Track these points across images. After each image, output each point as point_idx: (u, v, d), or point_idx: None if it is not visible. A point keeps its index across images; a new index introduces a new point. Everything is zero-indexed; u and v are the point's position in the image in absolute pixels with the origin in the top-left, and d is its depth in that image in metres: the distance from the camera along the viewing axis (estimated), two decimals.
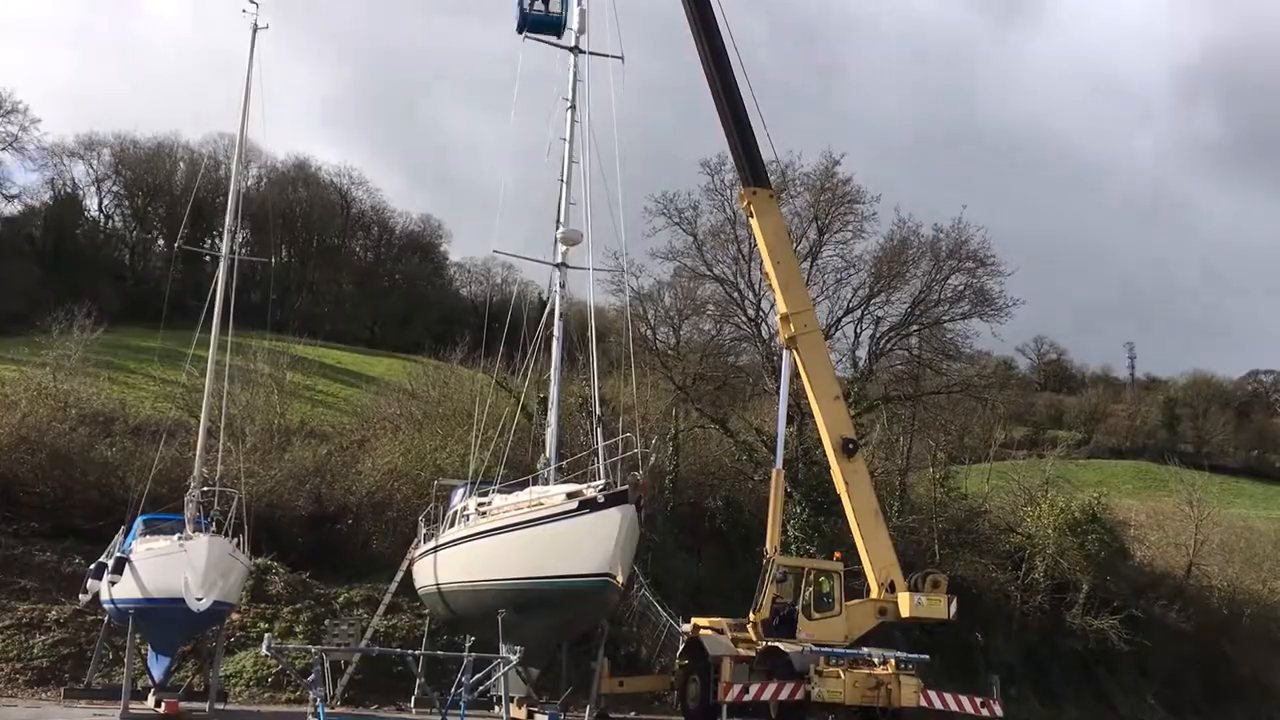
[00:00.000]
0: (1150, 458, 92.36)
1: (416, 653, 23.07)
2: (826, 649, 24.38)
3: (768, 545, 27.27)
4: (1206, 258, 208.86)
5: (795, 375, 29.53)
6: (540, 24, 29.17)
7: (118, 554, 24.88)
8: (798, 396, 32.65)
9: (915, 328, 43.16)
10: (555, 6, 29.21)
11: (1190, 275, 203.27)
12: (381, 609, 30.28)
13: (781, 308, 28.33)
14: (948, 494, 44.03)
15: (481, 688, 20.31)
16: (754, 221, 28.94)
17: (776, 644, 24.83)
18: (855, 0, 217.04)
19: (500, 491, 26.03)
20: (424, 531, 29.31)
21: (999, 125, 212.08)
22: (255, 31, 28.18)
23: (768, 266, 28.82)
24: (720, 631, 26.08)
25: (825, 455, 32.56)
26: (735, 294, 42.69)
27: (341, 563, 34.40)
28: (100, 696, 25.57)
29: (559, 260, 28.05)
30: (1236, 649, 46.57)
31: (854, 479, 27.06)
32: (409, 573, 29.86)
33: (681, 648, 27.04)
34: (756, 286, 42.27)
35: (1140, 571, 47.57)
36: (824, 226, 41.69)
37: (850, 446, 27.14)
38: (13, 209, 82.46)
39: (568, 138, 28.24)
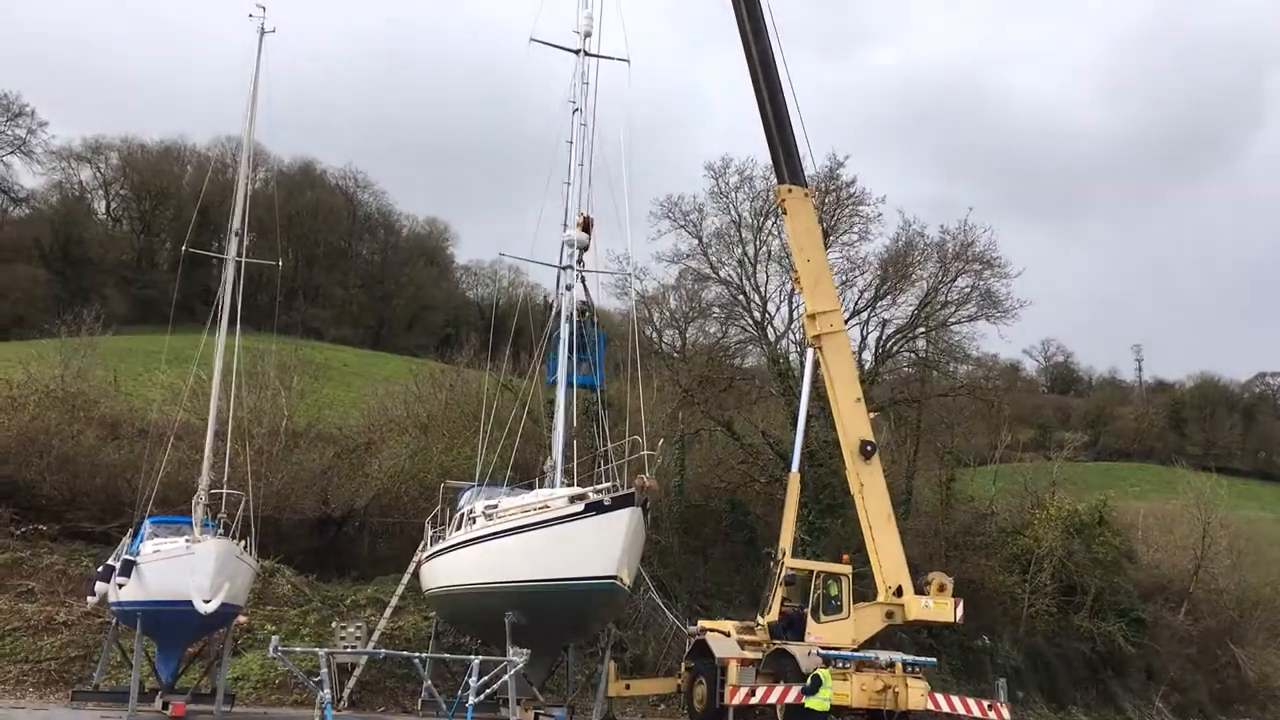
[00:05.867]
0: (1158, 460, 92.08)
1: (423, 655, 23.06)
2: (833, 652, 24.34)
3: (781, 547, 27.24)
4: None
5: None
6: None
7: (125, 556, 24.87)
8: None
9: (921, 330, 43.12)
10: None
11: None
12: (388, 611, 30.32)
13: (809, 306, 28.33)
14: (954, 496, 43.93)
15: (488, 690, 20.31)
16: (787, 218, 29.07)
17: (784, 646, 24.82)
18: None
19: (507, 494, 26.08)
20: (431, 534, 29.34)
21: None
22: (262, 35, 28.26)
23: (797, 264, 28.87)
24: (726, 634, 26.06)
25: (831, 457, 32.61)
26: (741, 296, 42.71)
27: (348, 565, 34.47)
28: (108, 698, 25.60)
29: (565, 263, 28.10)
30: (1244, 652, 46.42)
31: (869, 482, 27.02)
32: (416, 575, 29.89)
33: (688, 650, 27.02)
34: (762, 289, 42.34)
35: (1148, 574, 47.45)
36: (829, 229, 41.67)
37: (868, 449, 27.10)
38: (21, 212, 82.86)
39: (573, 140, 28.34)
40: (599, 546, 20.80)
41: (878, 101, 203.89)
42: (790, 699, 23.12)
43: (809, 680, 22.73)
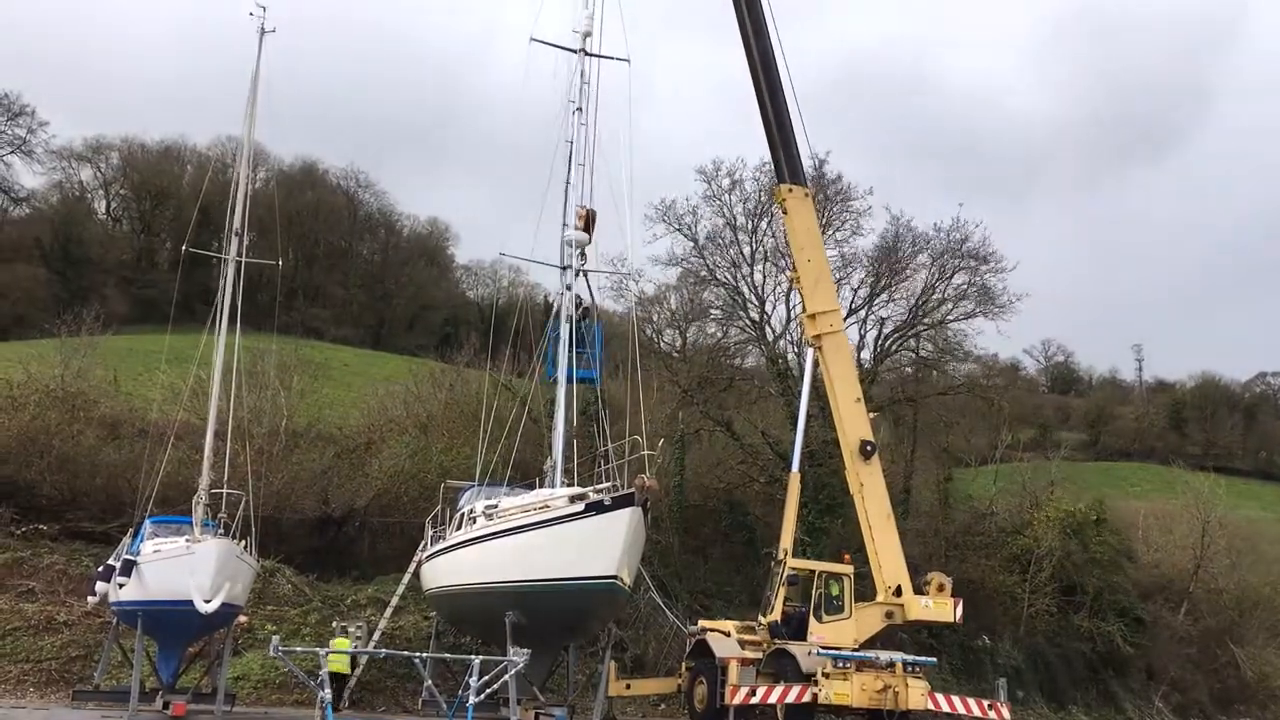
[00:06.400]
0: (1158, 460, 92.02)
1: (423, 655, 23.08)
2: (834, 651, 24.37)
3: (782, 547, 27.25)
4: None
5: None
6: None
7: (126, 556, 24.90)
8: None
9: (919, 329, 43.12)
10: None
11: None
12: (389, 611, 30.36)
13: (809, 306, 28.30)
14: (952, 496, 43.95)
15: (488, 690, 20.34)
16: (787, 218, 29.08)
17: (784, 646, 24.84)
18: None
19: (507, 494, 26.12)
20: (431, 534, 29.38)
21: None
22: (263, 35, 28.27)
23: (798, 264, 28.78)
24: (727, 634, 26.08)
25: (831, 457, 32.59)
26: (738, 297, 42.74)
27: (348, 565, 34.49)
28: (108, 698, 25.62)
29: (565, 263, 28.12)
30: (1244, 652, 46.42)
31: (869, 481, 27.01)
32: (416, 575, 29.94)
33: (688, 650, 27.04)
34: (759, 290, 42.35)
35: (1147, 574, 47.45)
36: (822, 226, 41.58)
37: (868, 449, 27.10)
38: (21, 212, 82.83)
39: (573, 140, 28.36)
40: (599, 546, 20.83)
41: (827, 85, 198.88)
42: (791, 699, 23.15)
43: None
